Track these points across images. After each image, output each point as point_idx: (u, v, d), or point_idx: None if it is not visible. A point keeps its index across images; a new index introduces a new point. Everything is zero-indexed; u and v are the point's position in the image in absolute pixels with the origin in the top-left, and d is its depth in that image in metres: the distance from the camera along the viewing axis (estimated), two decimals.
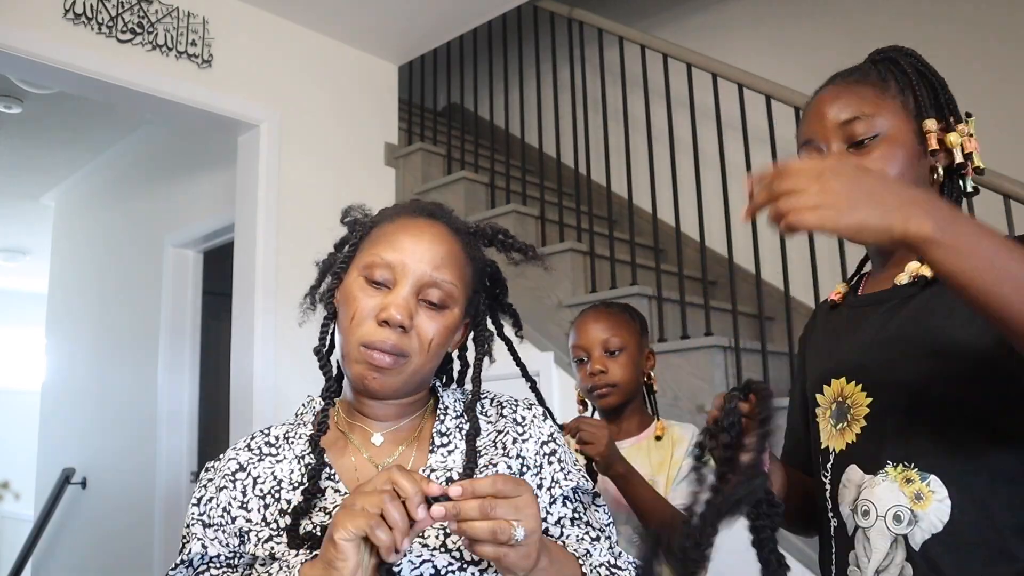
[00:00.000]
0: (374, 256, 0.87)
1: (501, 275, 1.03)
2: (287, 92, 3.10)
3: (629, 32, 3.09)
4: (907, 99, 0.93)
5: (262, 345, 2.81)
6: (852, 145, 0.91)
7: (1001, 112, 2.90)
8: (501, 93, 3.72)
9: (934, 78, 0.96)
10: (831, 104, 0.93)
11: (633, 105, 3.09)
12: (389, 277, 0.86)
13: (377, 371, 0.84)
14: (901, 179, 0.88)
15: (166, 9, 2.75)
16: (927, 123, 0.91)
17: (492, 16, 3.30)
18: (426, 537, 0.78)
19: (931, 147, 0.90)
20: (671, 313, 2.74)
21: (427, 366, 0.88)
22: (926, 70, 0.96)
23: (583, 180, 3.63)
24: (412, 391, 0.90)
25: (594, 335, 1.53)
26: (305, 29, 3.20)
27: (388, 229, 0.90)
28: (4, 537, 5.59)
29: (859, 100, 0.92)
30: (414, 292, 0.86)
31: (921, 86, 0.94)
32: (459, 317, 0.90)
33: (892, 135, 0.90)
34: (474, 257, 0.94)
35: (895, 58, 0.97)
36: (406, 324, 0.84)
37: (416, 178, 3.50)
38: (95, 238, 4.49)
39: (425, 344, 0.86)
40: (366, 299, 0.86)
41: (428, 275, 0.86)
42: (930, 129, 0.91)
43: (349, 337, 0.86)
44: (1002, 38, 2.94)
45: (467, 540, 0.68)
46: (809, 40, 3.41)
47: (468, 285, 0.91)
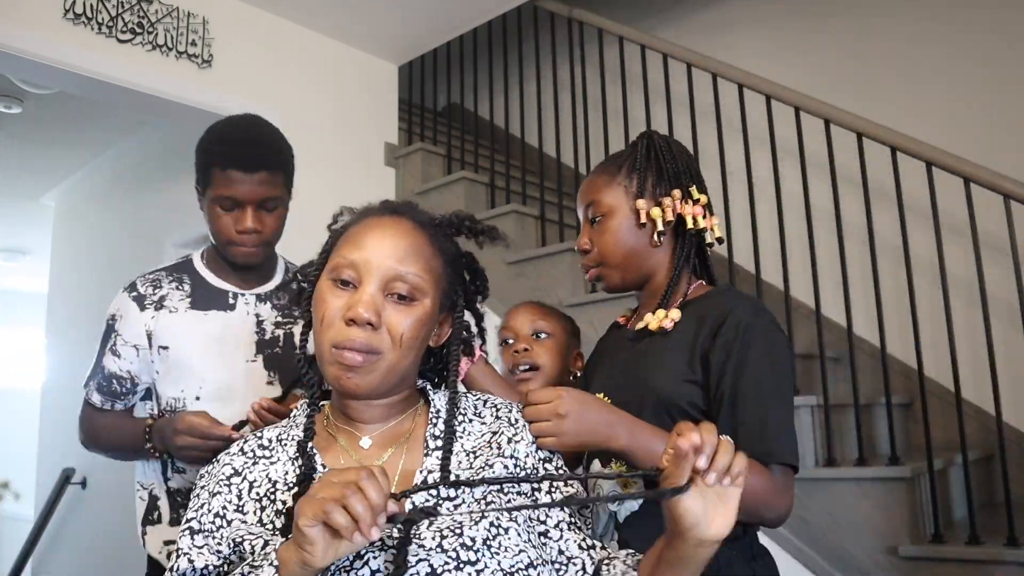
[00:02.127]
0: (339, 258, 0.88)
1: (478, 265, 1.03)
2: (287, 92, 3.09)
3: (629, 32, 3.09)
4: (631, 182, 1.18)
5: None
6: (591, 222, 1.20)
7: (1001, 112, 2.90)
8: (501, 93, 3.72)
9: (664, 158, 1.19)
10: (583, 188, 1.24)
11: (633, 105, 3.09)
12: (354, 276, 0.86)
13: (350, 371, 0.84)
14: (616, 249, 1.16)
15: (166, 9, 2.75)
16: (638, 202, 1.17)
17: (492, 16, 3.30)
18: (422, 538, 0.78)
19: (641, 221, 1.16)
20: None
21: (403, 362, 0.87)
22: (658, 152, 1.19)
23: (583, 180, 3.63)
24: (392, 389, 0.89)
25: (523, 318, 1.54)
26: (305, 29, 3.20)
27: (354, 231, 0.91)
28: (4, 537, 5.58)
29: (593, 188, 1.21)
30: (380, 288, 0.86)
31: (645, 170, 1.18)
32: (431, 309, 0.89)
33: (613, 213, 1.17)
34: (443, 248, 0.94)
35: (637, 143, 1.22)
36: (373, 320, 0.84)
37: (416, 178, 3.50)
38: (95, 238, 4.48)
39: (396, 339, 0.85)
40: (334, 300, 0.86)
41: (392, 269, 0.86)
42: (639, 207, 1.16)
43: (321, 339, 0.86)
44: (1001, 38, 2.94)
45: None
46: (809, 40, 3.41)
47: (439, 277, 0.91)
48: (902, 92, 3.11)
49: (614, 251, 1.17)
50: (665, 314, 1.12)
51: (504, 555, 0.78)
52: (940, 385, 2.66)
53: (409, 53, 3.54)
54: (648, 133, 1.23)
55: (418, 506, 0.81)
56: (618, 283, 1.19)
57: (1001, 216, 2.25)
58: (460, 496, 0.83)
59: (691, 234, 1.17)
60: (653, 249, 1.17)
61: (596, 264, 1.19)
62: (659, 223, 1.15)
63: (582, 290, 2.88)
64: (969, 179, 2.28)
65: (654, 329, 1.13)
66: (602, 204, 1.18)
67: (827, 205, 2.54)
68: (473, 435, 0.92)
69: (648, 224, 1.16)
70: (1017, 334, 2.40)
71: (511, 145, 3.64)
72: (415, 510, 0.75)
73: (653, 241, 1.16)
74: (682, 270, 1.16)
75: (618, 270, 1.18)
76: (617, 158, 1.23)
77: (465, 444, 0.90)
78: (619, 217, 1.17)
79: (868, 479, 2.15)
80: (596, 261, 1.19)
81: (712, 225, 1.18)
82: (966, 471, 2.18)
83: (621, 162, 1.21)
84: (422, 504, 0.82)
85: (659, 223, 1.15)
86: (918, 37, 3.13)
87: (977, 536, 2.06)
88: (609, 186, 1.19)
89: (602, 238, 1.17)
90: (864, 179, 2.45)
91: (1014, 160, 2.60)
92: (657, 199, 1.16)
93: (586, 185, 1.23)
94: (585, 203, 1.21)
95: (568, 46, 3.31)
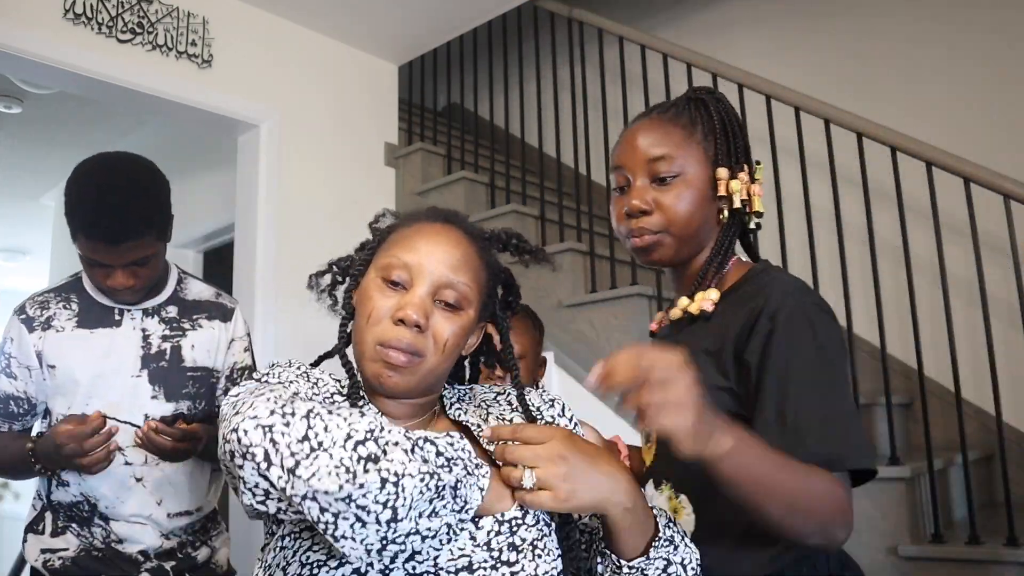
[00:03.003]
0: (391, 257, 0.89)
1: (515, 281, 1.03)
2: (287, 92, 3.09)
3: (629, 32, 3.09)
4: (708, 145, 1.04)
5: (262, 345, 2.81)
6: (655, 179, 1.03)
7: (1001, 112, 2.90)
8: (501, 93, 3.71)
9: (734, 126, 1.06)
10: (644, 136, 1.05)
11: (633, 105, 3.09)
12: (406, 278, 0.87)
13: (392, 369, 0.85)
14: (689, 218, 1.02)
15: (166, 9, 2.74)
16: (719, 171, 1.03)
17: (492, 16, 3.30)
18: (479, 527, 0.79)
19: (720, 193, 1.03)
20: None
21: (441, 366, 0.88)
22: (729, 117, 1.06)
23: (583, 180, 3.63)
24: (425, 391, 0.90)
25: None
26: (305, 29, 3.20)
27: (406, 232, 0.91)
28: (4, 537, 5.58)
29: (668, 140, 1.04)
30: (430, 293, 0.87)
31: (722, 135, 1.05)
32: (473, 319, 0.91)
33: (690, 177, 1.03)
34: (488, 262, 0.95)
35: (707, 102, 1.08)
36: (422, 323, 0.84)
37: (416, 178, 3.49)
38: None
39: (440, 344, 0.86)
40: (383, 299, 0.87)
41: (445, 276, 0.87)
42: (721, 177, 1.03)
43: (365, 336, 0.87)
44: (1001, 38, 2.94)
45: None
46: (809, 40, 3.41)
47: (483, 289, 0.92)
48: (902, 92, 3.11)
49: (687, 219, 1.02)
50: (703, 295, 1.02)
51: (544, 559, 0.79)
52: (940, 385, 2.66)
53: (409, 53, 3.54)
54: (714, 92, 1.10)
55: None
56: (671, 256, 1.05)
57: (1001, 216, 2.25)
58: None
59: (741, 213, 1.04)
60: (714, 227, 1.05)
61: (659, 230, 1.03)
62: (736, 199, 1.02)
63: (582, 290, 2.88)
64: (969, 179, 2.28)
65: (695, 312, 1.02)
66: (677, 161, 1.02)
67: (827, 205, 2.53)
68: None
69: (723, 198, 1.04)
70: (1017, 334, 2.40)
71: (511, 145, 3.64)
72: None
73: (720, 218, 1.04)
74: (728, 251, 1.05)
75: (679, 240, 1.03)
76: (679, 111, 1.07)
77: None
78: (695, 182, 1.02)
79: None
80: (660, 226, 1.02)
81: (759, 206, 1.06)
82: (966, 471, 2.18)
83: (691, 118, 1.05)
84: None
85: (736, 199, 1.02)
86: (918, 37, 3.13)
87: (977, 536, 2.06)
88: (688, 144, 1.03)
89: (673, 202, 1.01)
90: (864, 179, 2.45)
91: (1014, 160, 2.60)
92: (733, 171, 1.04)
93: (652, 133, 1.05)
94: (651, 155, 1.03)
95: (568, 46, 3.30)
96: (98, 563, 1.46)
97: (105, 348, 1.48)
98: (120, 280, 1.41)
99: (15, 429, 1.51)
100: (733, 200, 1.03)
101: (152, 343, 1.51)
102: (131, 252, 1.38)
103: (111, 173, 1.41)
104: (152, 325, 1.53)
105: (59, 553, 1.46)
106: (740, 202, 1.03)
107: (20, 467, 1.45)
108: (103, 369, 1.47)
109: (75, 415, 1.37)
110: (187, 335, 1.55)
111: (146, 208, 1.40)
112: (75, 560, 1.46)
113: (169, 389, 1.51)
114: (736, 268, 1.05)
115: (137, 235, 1.37)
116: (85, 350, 1.47)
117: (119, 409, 1.46)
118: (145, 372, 1.49)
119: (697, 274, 1.05)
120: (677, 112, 1.06)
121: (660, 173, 1.03)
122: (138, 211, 1.38)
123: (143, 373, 1.49)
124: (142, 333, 1.51)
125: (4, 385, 1.48)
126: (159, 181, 1.47)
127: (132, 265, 1.41)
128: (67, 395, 1.47)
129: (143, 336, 1.51)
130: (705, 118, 1.06)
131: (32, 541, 1.50)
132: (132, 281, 1.42)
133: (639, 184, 1.04)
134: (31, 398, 1.49)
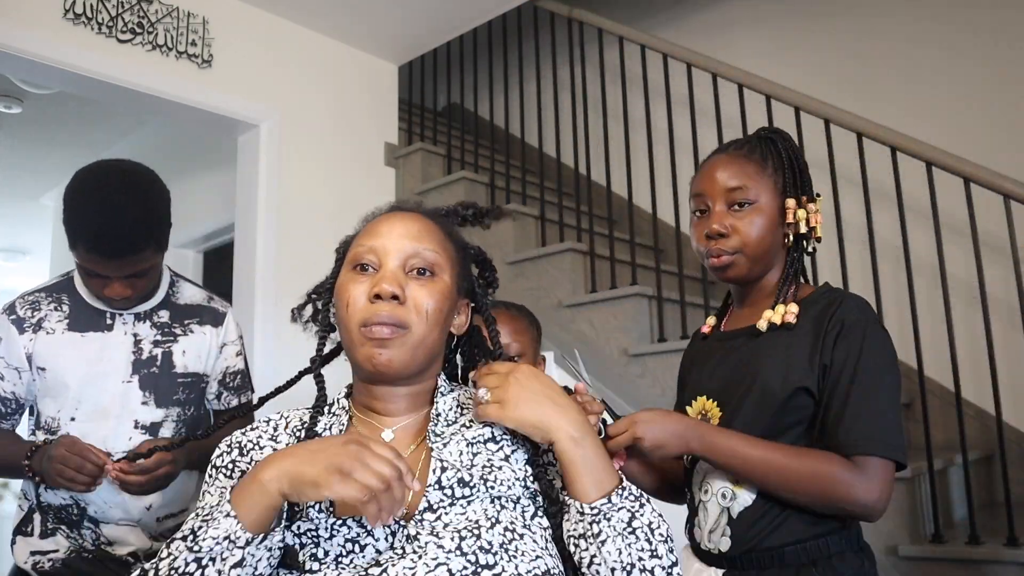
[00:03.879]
0: (357, 247, 0.92)
1: (487, 257, 1.06)
2: (287, 92, 3.10)
3: (629, 32, 3.09)
4: (778, 178, 1.21)
5: (262, 345, 2.81)
6: (732, 206, 1.19)
7: (1001, 112, 2.90)
8: (501, 93, 3.72)
9: (800, 162, 1.22)
10: (723, 170, 1.21)
11: (633, 105, 3.09)
12: (374, 260, 0.90)
13: (381, 346, 0.86)
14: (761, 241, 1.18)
15: (166, 9, 2.75)
16: (788, 201, 1.19)
17: (492, 16, 3.30)
18: (440, 538, 0.78)
19: (788, 220, 1.19)
20: (671, 313, 2.74)
21: (430, 336, 0.89)
22: (795, 154, 1.22)
23: (583, 180, 3.63)
24: (420, 367, 0.90)
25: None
26: (305, 29, 3.20)
27: (366, 228, 0.95)
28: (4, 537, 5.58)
29: (744, 173, 1.20)
30: (400, 266, 0.89)
31: (790, 170, 1.21)
32: (450, 286, 0.92)
33: (762, 206, 1.19)
34: (451, 234, 0.97)
35: (775, 140, 1.24)
36: (398, 293, 0.86)
37: (416, 178, 3.50)
38: None
39: (422, 312, 0.88)
40: (356, 285, 0.89)
41: (410, 247, 0.90)
42: (789, 206, 1.19)
43: (349, 324, 0.88)
44: (1001, 38, 2.94)
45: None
46: (809, 40, 3.41)
47: (453, 259, 0.94)
48: (902, 92, 3.11)
49: (758, 242, 1.18)
50: (784, 309, 1.17)
51: (521, 560, 0.78)
52: (940, 385, 2.66)
53: (409, 53, 3.54)
54: (781, 132, 1.26)
55: (432, 504, 0.82)
56: (744, 274, 1.21)
57: (1001, 216, 2.25)
58: (475, 494, 0.84)
59: (805, 238, 1.21)
60: (781, 250, 1.22)
61: (735, 251, 1.19)
62: (802, 226, 1.19)
63: (582, 290, 2.88)
64: (969, 179, 2.28)
65: (778, 323, 1.16)
66: (752, 192, 1.19)
67: (827, 205, 2.53)
68: (475, 426, 0.92)
69: (791, 225, 1.20)
70: (1017, 334, 2.40)
71: (511, 145, 3.64)
72: None
73: (786, 241, 1.21)
74: (799, 272, 1.22)
75: (752, 261, 1.19)
76: (752, 147, 1.24)
77: (466, 435, 0.90)
78: (767, 210, 1.19)
79: None
80: (735, 248, 1.19)
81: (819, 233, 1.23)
82: (966, 471, 2.18)
83: (762, 154, 1.22)
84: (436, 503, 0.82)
85: (802, 226, 1.19)
86: (918, 37, 3.13)
87: (977, 536, 2.06)
88: (761, 176, 1.20)
89: (748, 227, 1.18)
90: (864, 179, 2.45)
91: (1014, 160, 2.60)
92: (800, 202, 1.20)
93: (730, 167, 1.22)
94: (730, 185, 1.20)
95: (568, 46, 3.30)
96: (89, 565, 1.45)
97: (96, 352, 1.47)
98: (117, 290, 1.41)
99: (3, 427, 1.49)
100: (799, 226, 1.19)
101: (143, 348, 1.51)
102: (130, 266, 1.38)
103: (111, 186, 1.38)
104: (144, 330, 1.52)
105: (49, 555, 1.46)
106: (807, 228, 1.19)
107: (11, 472, 1.44)
108: (93, 373, 1.46)
109: (78, 442, 1.33)
110: (178, 340, 1.54)
111: (146, 222, 1.38)
112: (65, 562, 1.46)
113: (159, 395, 1.51)
114: (804, 286, 1.23)
115: (137, 250, 1.37)
116: (76, 354, 1.46)
117: (108, 415, 1.46)
118: (136, 378, 1.49)
119: (767, 290, 1.22)
120: (751, 148, 1.23)
121: (736, 200, 1.19)
122: (138, 226, 1.37)
123: (134, 379, 1.48)
124: (134, 338, 1.50)
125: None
126: (159, 191, 1.45)
127: (131, 277, 1.41)
128: (56, 398, 1.46)
129: (135, 341, 1.50)
130: (774, 154, 1.22)
131: (21, 543, 1.49)
132: (129, 291, 1.42)
133: (718, 210, 1.20)
134: (19, 398, 1.48)
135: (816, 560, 1.09)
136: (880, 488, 1.04)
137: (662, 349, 2.58)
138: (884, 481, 1.05)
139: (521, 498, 0.86)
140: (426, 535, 0.79)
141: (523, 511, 0.85)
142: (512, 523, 0.82)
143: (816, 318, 1.14)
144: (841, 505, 1.05)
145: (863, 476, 1.04)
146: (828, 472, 1.05)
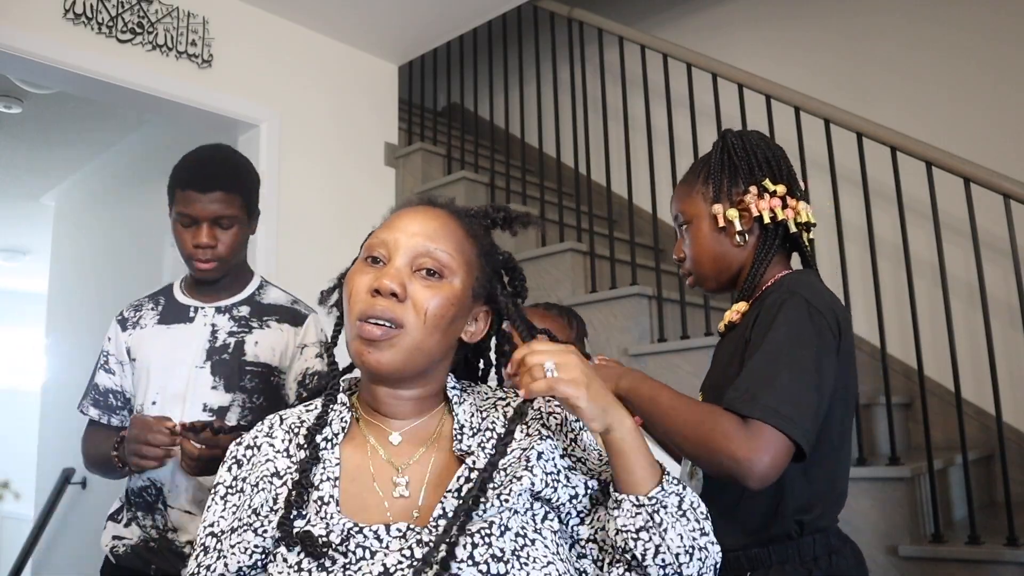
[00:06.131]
0: (372, 239, 0.90)
1: (518, 266, 1.02)
2: (287, 92, 3.09)
3: (629, 32, 3.09)
4: (707, 189, 1.23)
5: None
6: (681, 229, 1.26)
7: (1000, 112, 2.90)
8: (501, 93, 3.72)
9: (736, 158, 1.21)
10: (673, 199, 1.29)
11: (633, 105, 3.09)
12: (384, 253, 0.87)
13: (371, 345, 0.83)
14: (701, 255, 1.22)
15: (166, 9, 2.74)
16: (715, 207, 1.21)
17: (492, 16, 3.29)
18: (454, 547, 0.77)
19: (720, 225, 1.20)
20: (671, 313, 2.74)
21: (428, 340, 0.85)
22: (733, 153, 1.22)
23: (583, 180, 3.63)
24: (418, 373, 0.88)
25: None
26: (305, 29, 3.20)
27: (389, 218, 0.93)
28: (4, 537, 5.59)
29: (678, 198, 1.27)
30: (408, 264, 0.86)
31: (718, 173, 1.21)
32: (460, 290, 0.88)
33: (694, 222, 1.24)
34: (475, 236, 0.93)
35: (720, 144, 1.25)
36: (398, 291, 0.83)
37: (416, 178, 3.50)
38: (95, 238, 4.48)
39: (421, 314, 0.84)
40: (362, 276, 0.87)
41: (421, 245, 0.87)
42: (715, 212, 1.21)
43: (350, 316, 0.86)
44: (1000, 38, 2.94)
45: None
46: (809, 40, 3.41)
47: (471, 262, 0.90)
48: (902, 92, 3.11)
49: (700, 257, 1.23)
50: (735, 307, 1.20)
51: (533, 567, 0.77)
52: (940, 385, 2.66)
53: (409, 53, 3.54)
54: (723, 134, 1.26)
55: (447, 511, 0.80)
56: (713, 286, 1.25)
57: (1001, 216, 2.25)
58: (490, 503, 0.81)
59: (771, 227, 1.19)
60: (738, 249, 1.21)
61: (690, 271, 1.26)
62: (736, 224, 1.19)
63: (582, 290, 2.88)
64: (969, 179, 2.28)
65: (735, 322, 1.20)
66: (685, 213, 1.25)
67: (827, 205, 2.54)
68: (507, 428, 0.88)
69: (728, 226, 1.20)
70: (1017, 334, 2.40)
71: (511, 145, 3.64)
72: None
73: (735, 242, 1.20)
74: (761, 264, 1.20)
75: (709, 274, 1.23)
76: (699, 164, 1.27)
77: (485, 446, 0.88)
78: (700, 224, 1.22)
79: (868, 479, 2.15)
80: (688, 269, 1.26)
81: (797, 212, 1.19)
82: (966, 471, 2.18)
83: (700, 168, 1.26)
84: (452, 509, 0.80)
85: (736, 224, 1.19)
86: (918, 37, 3.13)
87: (977, 536, 2.06)
88: (689, 195, 1.24)
89: (690, 247, 1.24)
90: (864, 179, 2.45)
91: (1014, 160, 2.60)
92: (733, 200, 1.20)
93: (673, 196, 1.30)
94: (673, 214, 1.29)
95: (568, 46, 3.31)
96: (150, 554, 1.53)
97: (176, 341, 1.58)
98: (204, 237, 1.50)
99: (113, 423, 1.62)
100: (764, 218, 1.18)
101: (219, 337, 1.58)
102: (217, 205, 1.50)
103: (215, 145, 1.61)
104: (222, 322, 1.60)
105: (124, 541, 1.56)
106: (770, 220, 1.17)
107: (108, 466, 1.52)
108: (171, 360, 1.56)
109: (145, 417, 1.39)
110: (252, 332, 1.60)
111: (236, 170, 1.57)
112: (133, 548, 1.54)
113: (229, 381, 1.56)
114: (774, 278, 1.19)
115: (227, 187, 1.51)
116: (159, 343, 1.58)
117: (182, 399, 1.54)
118: (208, 363, 1.56)
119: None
120: (695, 166, 1.27)
121: (680, 224, 1.27)
122: (228, 167, 1.56)
123: (206, 364, 1.56)
124: (211, 328, 1.59)
125: (104, 380, 1.63)
126: (251, 169, 1.63)
127: (216, 222, 1.51)
128: (141, 385, 1.57)
129: (212, 331, 1.59)
130: (709, 162, 1.24)
131: (109, 527, 1.61)
132: (214, 241, 1.52)
133: (678, 237, 1.28)
134: (125, 392, 1.62)
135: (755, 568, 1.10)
136: (761, 451, 0.98)
137: (662, 349, 2.58)
138: (767, 450, 0.98)
139: (532, 503, 0.84)
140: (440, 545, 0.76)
141: (533, 516, 0.83)
142: (523, 528, 0.80)
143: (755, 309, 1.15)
144: (718, 459, 1.00)
145: (746, 435, 0.99)
146: (713, 421, 1.02)
